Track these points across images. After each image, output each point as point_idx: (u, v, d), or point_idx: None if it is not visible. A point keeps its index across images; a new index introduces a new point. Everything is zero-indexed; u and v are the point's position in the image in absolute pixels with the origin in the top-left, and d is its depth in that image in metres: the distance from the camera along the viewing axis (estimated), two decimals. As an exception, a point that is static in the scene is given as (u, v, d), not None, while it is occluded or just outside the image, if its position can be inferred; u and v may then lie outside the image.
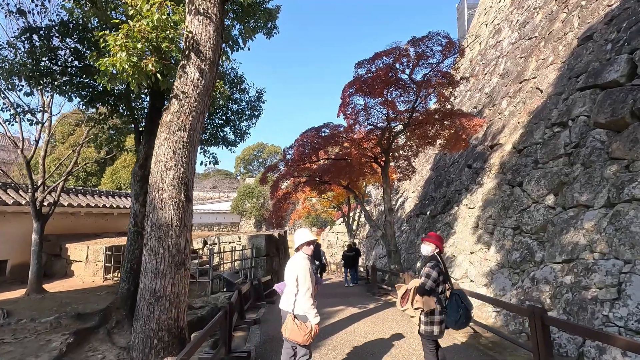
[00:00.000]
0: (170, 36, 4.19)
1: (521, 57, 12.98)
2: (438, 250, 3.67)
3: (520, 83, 11.59)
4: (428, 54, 9.05)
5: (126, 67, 3.66)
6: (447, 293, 3.56)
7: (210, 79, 4.19)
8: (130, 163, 22.55)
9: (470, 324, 6.17)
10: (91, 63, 5.09)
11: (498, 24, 18.73)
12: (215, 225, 41.23)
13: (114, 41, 3.67)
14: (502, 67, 14.48)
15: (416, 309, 3.48)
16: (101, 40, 3.99)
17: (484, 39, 20.34)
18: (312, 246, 3.51)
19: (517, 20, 16.05)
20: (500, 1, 20.21)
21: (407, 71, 9.39)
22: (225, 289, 10.03)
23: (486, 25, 21.27)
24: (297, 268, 3.38)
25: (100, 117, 7.31)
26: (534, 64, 11.41)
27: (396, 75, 9.38)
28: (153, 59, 3.81)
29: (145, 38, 3.94)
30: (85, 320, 6.17)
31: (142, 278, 3.55)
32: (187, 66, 4.05)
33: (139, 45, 3.86)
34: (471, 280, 8.44)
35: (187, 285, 3.78)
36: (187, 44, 4.09)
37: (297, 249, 3.53)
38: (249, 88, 8.69)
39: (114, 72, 4.05)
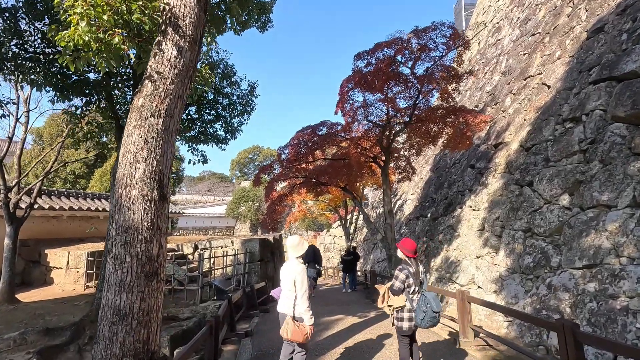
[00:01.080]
0: (145, 11, 3.62)
1: (524, 54, 12.56)
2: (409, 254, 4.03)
3: (525, 80, 11.13)
4: (431, 46, 8.54)
5: (86, 39, 3.08)
6: (417, 295, 3.88)
7: (190, 59, 3.62)
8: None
9: (482, 335, 5.66)
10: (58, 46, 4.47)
11: (497, 23, 18.39)
12: (210, 229, 40.58)
13: (73, 9, 3.09)
14: (504, 65, 14.06)
15: (389, 305, 3.95)
16: (62, 12, 3.42)
17: (483, 38, 19.99)
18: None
19: (518, 17, 15.68)
20: (498, 0, 19.90)
21: (409, 64, 8.87)
22: (215, 297, 9.38)
23: (485, 24, 20.94)
24: (295, 272, 3.61)
25: (76, 110, 6.67)
26: (538, 60, 10.97)
27: (397, 68, 8.86)
28: (119, 31, 3.23)
29: (114, 10, 3.37)
30: (54, 335, 5.50)
31: (105, 292, 2.94)
32: (164, 43, 3.48)
33: (105, 17, 3.28)
34: (479, 287, 7.89)
35: (161, 300, 3.18)
36: (164, 17, 3.53)
37: (301, 257, 3.76)
38: (241, 81, 8.11)
39: (79, 48, 3.47)
